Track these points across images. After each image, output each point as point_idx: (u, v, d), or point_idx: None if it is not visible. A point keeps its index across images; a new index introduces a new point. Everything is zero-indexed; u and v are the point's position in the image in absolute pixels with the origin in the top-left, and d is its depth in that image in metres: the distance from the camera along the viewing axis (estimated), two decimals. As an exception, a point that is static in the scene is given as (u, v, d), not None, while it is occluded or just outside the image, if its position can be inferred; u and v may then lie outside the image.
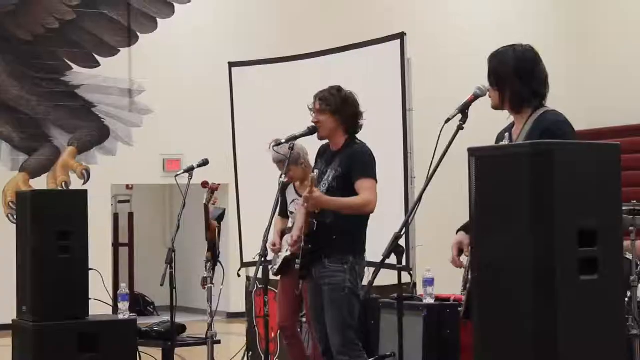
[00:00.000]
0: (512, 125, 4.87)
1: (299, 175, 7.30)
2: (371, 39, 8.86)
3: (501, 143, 4.72)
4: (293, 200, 7.42)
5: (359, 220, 6.13)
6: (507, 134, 4.82)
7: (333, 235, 6.05)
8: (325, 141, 6.41)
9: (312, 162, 6.79)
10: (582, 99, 15.94)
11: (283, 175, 6.35)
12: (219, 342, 7.40)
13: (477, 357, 3.96)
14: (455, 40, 15.99)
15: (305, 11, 15.43)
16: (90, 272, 7.21)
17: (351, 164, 6.10)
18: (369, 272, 5.96)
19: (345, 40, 9.29)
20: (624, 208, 5.88)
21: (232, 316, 14.14)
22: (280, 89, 9.25)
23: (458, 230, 4.83)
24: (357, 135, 6.31)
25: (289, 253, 7.19)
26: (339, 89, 6.28)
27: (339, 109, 6.18)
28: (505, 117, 4.89)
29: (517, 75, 4.75)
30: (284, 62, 9.57)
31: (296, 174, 7.30)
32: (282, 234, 7.46)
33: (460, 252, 4.73)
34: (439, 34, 15.90)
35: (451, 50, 15.83)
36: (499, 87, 4.78)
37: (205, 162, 7.60)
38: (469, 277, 4.56)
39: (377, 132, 7.01)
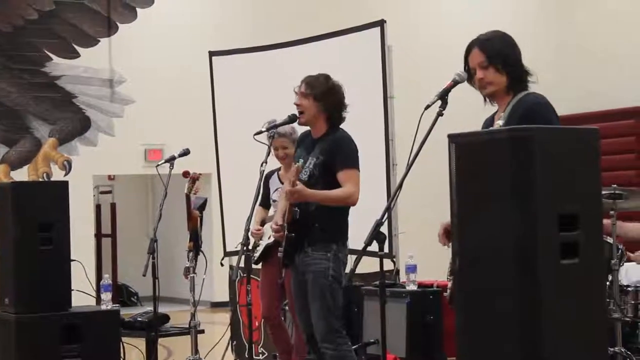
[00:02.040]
0: (493, 114, 4.87)
1: (292, 155, 7.19)
2: (351, 26, 8.86)
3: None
4: (276, 189, 7.40)
5: (341, 209, 6.14)
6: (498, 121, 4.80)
7: (316, 223, 6.05)
8: (306, 128, 6.40)
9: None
10: (564, 84, 15.98)
11: (264, 164, 6.33)
12: (202, 331, 7.40)
13: (459, 342, 3.97)
14: (435, 27, 16.00)
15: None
16: (72, 263, 7.19)
17: (334, 152, 6.09)
18: (351, 259, 5.96)
19: (325, 28, 9.28)
20: (604, 192, 5.91)
21: (216, 305, 14.14)
22: (260, 77, 9.23)
23: None
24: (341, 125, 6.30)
25: (270, 241, 7.19)
26: (327, 77, 6.27)
27: (324, 95, 6.16)
28: (481, 103, 4.89)
29: (519, 58, 4.78)
30: (265, 51, 9.55)
31: (291, 154, 7.18)
32: (263, 223, 7.45)
33: (447, 232, 4.73)
34: (419, 21, 15.91)
35: (431, 37, 15.84)
36: (507, 70, 4.74)
37: (186, 152, 7.58)
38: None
39: (358, 120, 7.00)
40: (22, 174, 13.98)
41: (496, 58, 4.74)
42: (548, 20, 16.82)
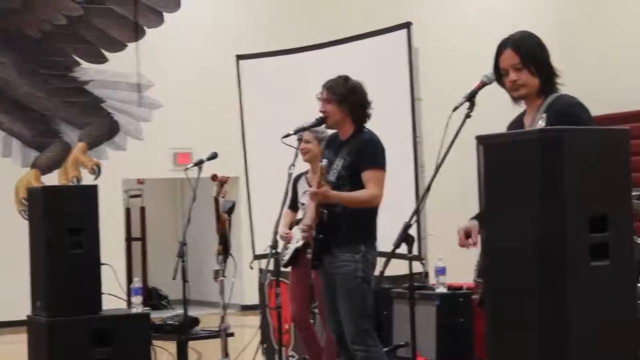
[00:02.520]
0: (524, 113, 4.82)
1: (314, 153, 7.21)
2: (378, 28, 8.86)
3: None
4: (305, 192, 7.41)
5: (368, 210, 6.13)
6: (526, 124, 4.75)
7: (344, 224, 6.05)
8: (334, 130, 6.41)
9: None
10: (591, 85, 15.92)
11: (292, 166, 6.35)
12: (232, 334, 7.42)
13: (488, 344, 3.96)
14: (462, 29, 15.97)
15: (312, 2, 15.43)
16: (103, 266, 7.23)
17: (360, 153, 6.10)
18: (380, 262, 5.96)
19: (352, 31, 9.29)
20: (634, 193, 5.87)
21: (246, 308, 14.15)
22: (287, 80, 9.25)
23: (471, 218, 4.82)
24: (367, 124, 6.31)
25: (299, 244, 7.20)
26: (346, 78, 6.28)
27: (346, 98, 6.17)
28: (510, 103, 4.85)
29: (549, 60, 4.69)
30: (291, 54, 9.57)
31: (313, 150, 7.20)
32: (290, 226, 7.46)
33: (467, 235, 4.71)
34: (446, 23, 15.88)
35: (458, 38, 15.81)
36: (540, 74, 4.65)
37: (214, 155, 7.62)
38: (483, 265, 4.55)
39: (386, 122, 7.00)
40: (52, 179, 14.06)
41: (530, 60, 4.63)
42: (576, 19, 16.75)
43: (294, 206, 7.56)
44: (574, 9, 16.91)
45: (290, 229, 7.45)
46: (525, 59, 4.64)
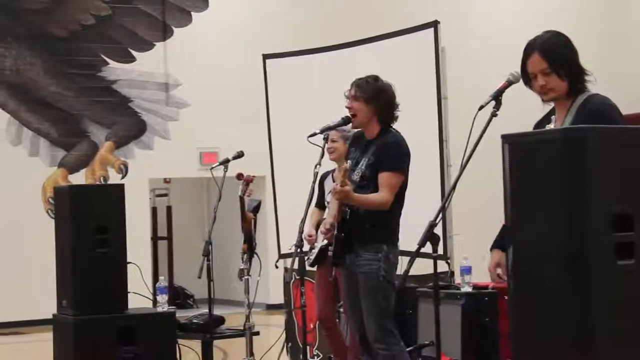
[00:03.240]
0: (550, 112, 4.79)
1: (340, 152, 7.21)
2: (405, 27, 8.84)
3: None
4: (330, 191, 7.41)
5: (392, 209, 6.12)
6: (552, 123, 4.71)
7: (366, 224, 6.05)
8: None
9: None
10: (620, 82, 15.84)
11: (318, 165, 6.34)
12: (257, 333, 7.43)
13: (514, 344, 3.95)
14: (488, 27, 15.93)
15: (339, 1, 15.42)
16: (129, 265, 7.26)
17: (382, 154, 6.09)
18: (402, 261, 5.95)
19: (379, 30, 9.28)
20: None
21: (272, 308, 14.18)
22: (314, 80, 9.25)
23: (491, 248, 4.79)
24: (394, 126, 6.29)
25: (324, 243, 7.20)
26: (376, 78, 6.26)
27: (374, 97, 6.16)
28: (537, 102, 4.83)
29: (579, 61, 4.62)
30: (318, 53, 9.57)
31: (339, 149, 7.20)
32: (318, 225, 7.46)
33: (497, 266, 4.70)
34: (472, 22, 15.85)
35: (484, 37, 15.77)
36: (570, 77, 4.59)
37: (240, 155, 7.63)
38: None
39: (413, 121, 6.99)
40: (79, 178, 14.13)
41: (559, 65, 4.57)
42: (601, 18, 16.66)
43: (322, 204, 7.56)
44: (600, 9, 16.82)
45: (317, 227, 7.45)
46: (553, 64, 4.58)
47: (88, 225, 7.12)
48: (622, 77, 15.86)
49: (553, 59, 4.59)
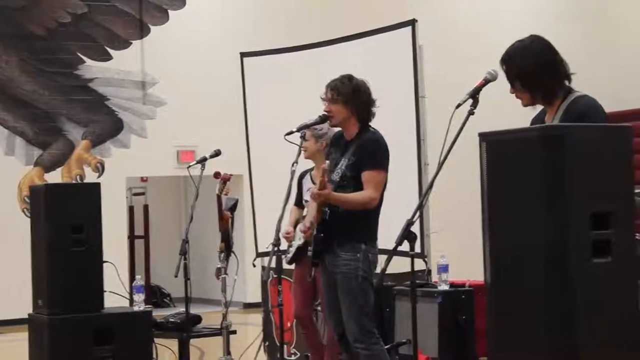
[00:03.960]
0: (543, 112, 4.80)
1: (312, 151, 7.20)
2: (383, 26, 8.84)
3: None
4: (309, 189, 7.40)
5: (370, 209, 6.12)
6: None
7: (345, 223, 6.04)
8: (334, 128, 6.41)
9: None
10: (598, 81, 15.89)
11: (295, 164, 6.33)
12: (234, 332, 7.42)
13: (490, 341, 3.95)
14: (466, 26, 15.95)
15: (316, 0, 15.42)
16: (105, 264, 7.23)
17: (362, 152, 6.08)
18: (382, 259, 5.95)
19: (356, 28, 9.27)
20: (636, 190, 5.86)
21: (249, 306, 14.16)
22: (292, 78, 9.23)
23: None
24: (371, 123, 6.29)
25: (302, 242, 7.19)
26: (350, 77, 6.25)
27: (351, 98, 6.15)
28: (513, 101, 4.84)
29: (543, 70, 4.62)
30: (296, 52, 9.55)
31: (311, 148, 7.19)
32: (297, 223, 7.46)
33: None
34: (450, 20, 15.86)
35: (462, 36, 15.79)
36: (527, 88, 4.64)
37: (217, 153, 7.61)
38: None
39: (390, 120, 6.99)
40: (55, 177, 14.05)
41: (513, 80, 4.65)
42: (580, 17, 16.71)
43: (301, 203, 7.55)
44: (578, 9, 16.87)
45: (296, 226, 7.44)
46: (509, 76, 4.66)
47: (64, 224, 7.09)
48: (602, 75, 15.93)
49: (509, 71, 4.67)
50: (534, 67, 4.63)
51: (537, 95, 4.66)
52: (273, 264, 6.68)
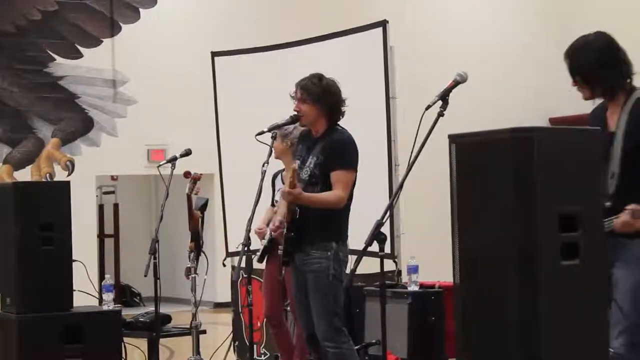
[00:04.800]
0: (603, 107, 4.89)
1: (278, 150, 7.19)
2: (353, 27, 8.86)
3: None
4: (279, 189, 7.41)
5: (341, 207, 6.14)
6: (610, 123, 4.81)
7: (315, 222, 6.05)
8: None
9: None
10: (568, 83, 15.96)
11: (266, 164, 6.33)
12: (204, 332, 7.41)
13: (459, 343, 3.97)
14: (437, 28, 15.99)
15: (288, 0, 15.42)
16: (74, 263, 7.19)
17: (331, 152, 6.09)
18: (352, 259, 5.96)
19: (327, 29, 9.29)
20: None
21: (219, 306, 14.14)
22: (263, 78, 9.24)
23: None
24: (341, 122, 6.30)
25: (269, 239, 7.20)
26: (320, 77, 6.26)
27: (320, 98, 6.16)
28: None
29: (604, 67, 4.76)
30: (267, 52, 9.55)
31: (277, 148, 7.17)
32: (269, 223, 7.46)
33: None
34: (420, 22, 15.90)
35: (433, 37, 15.84)
36: (588, 84, 4.79)
37: (188, 152, 7.59)
38: None
39: (361, 120, 7.00)
40: (25, 174, 13.98)
41: (574, 75, 4.83)
42: (549, 19, 16.78)
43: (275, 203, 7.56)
44: (553, 10, 16.96)
45: (269, 223, 7.44)
46: (571, 70, 4.84)
47: (33, 222, 7.04)
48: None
49: (571, 66, 4.85)
50: (595, 63, 4.77)
51: (597, 90, 4.80)
52: (243, 264, 6.67)
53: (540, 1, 16.98)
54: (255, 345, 8.44)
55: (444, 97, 4.81)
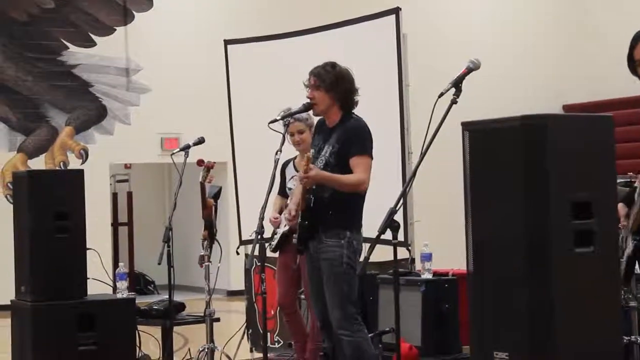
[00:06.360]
0: None
1: (310, 142, 7.13)
2: (367, 14, 8.83)
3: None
4: (292, 177, 7.40)
5: (355, 196, 6.13)
6: None
7: (330, 210, 6.04)
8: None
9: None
10: (581, 70, 15.92)
11: (279, 152, 6.32)
12: (218, 319, 7.42)
13: (472, 330, 3.97)
14: (450, 15, 15.94)
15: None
16: (88, 251, 7.21)
17: (348, 140, 6.08)
18: (366, 247, 5.96)
19: (340, 16, 9.26)
20: (619, 180, 5.90)
21: (232, 294, 14.16)
22: (276, 65, 9.22)
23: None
24: (354, 111, 6.29)
25: (286, 229, 7.19)
26: (333, 65, 6.25)
27: (334, 85, 6.15)
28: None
29: None
30: (280, 39, 9.53)
31: (308, 140, 7.09)
32: (281, 211, 7.45)
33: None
34: (434, 9, 15.85)
35: (446, 24, 15.79)
36: None
37: (201, 140, 7.59)
38: (627, 244, 4.69)
39: (374, 108, 6.98)
40: (39, 163, 14.02)
41: None
42: (562, 7, 16.72)
43: (284, 192, 7.54)
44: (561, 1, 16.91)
45: (280, 214, 7.44)
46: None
47: (47, 210, 7.07)
48: (585, 63, 15.98)
49: None
50: None
51: None
52: (256, 252, 6.68)
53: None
54: (268, 333, 8.45)
55: (457, 84, 4.80)
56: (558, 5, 16.66)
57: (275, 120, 6.45)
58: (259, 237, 6.25)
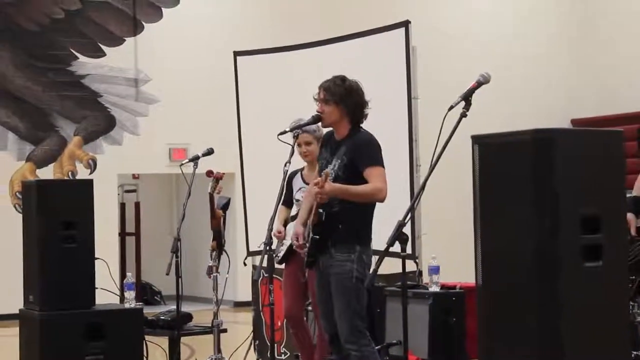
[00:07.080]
0: None
1: (316, 154, 7.13)
2: (376, 27, 8.85)
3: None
4: (300, 189, 7.41)
5: (365, 209, 6.12)
6: None
7: (339, 224, 6.03)
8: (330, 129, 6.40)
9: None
10: (590, 84, 15.93)
11: (288, 164, 6.33)
12: (225, 330, 7.42)
13: (481, 345, 3.97)
14: (459, 28, 15.96)
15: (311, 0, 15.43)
16: (96, 261, 7.22)
17: (357, 153, 6.07)
18: (373, 260, 5.96)
19: (350, 29, 9.28)
20: (628, 195, 5.92)
21: (239, 305, 14.15)
22: (285, 77, 9.24)
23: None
24: (363, 124, 6.29)
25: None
26: (343, 78, 6.25)
27: (344, 99, 6.15)
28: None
29: None
30: (289, 51, 9.55)
31: (316, 151, 7.10)
32: (286, 222, 7.46)
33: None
34: (443, 22, 15.87)
35: (455, 37, 15.81)
36: None
37: (210, 151, 7.60)
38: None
39: (383, 121, 6.99)
40: (47, 172, 14.04)
41: None
42: (571, 21, 16.73)
43: (289, 202, 7.55)
44: (569, 12, 16.89)
45: (285, 225, 7.44)
46: None
47: (55, 220, 7.08)
48: (594, 78, 15.98)
49: None
50: None
51: None
52: (264, 263, 6.68)
53: (562, 2, 16.91)
54: (275, 345, 8.44)
55: (467, 98, 4.80)
56: (568, 20, 16.67)
57: (285, 132, 6.46)
58: (267, 248, 6.26)
